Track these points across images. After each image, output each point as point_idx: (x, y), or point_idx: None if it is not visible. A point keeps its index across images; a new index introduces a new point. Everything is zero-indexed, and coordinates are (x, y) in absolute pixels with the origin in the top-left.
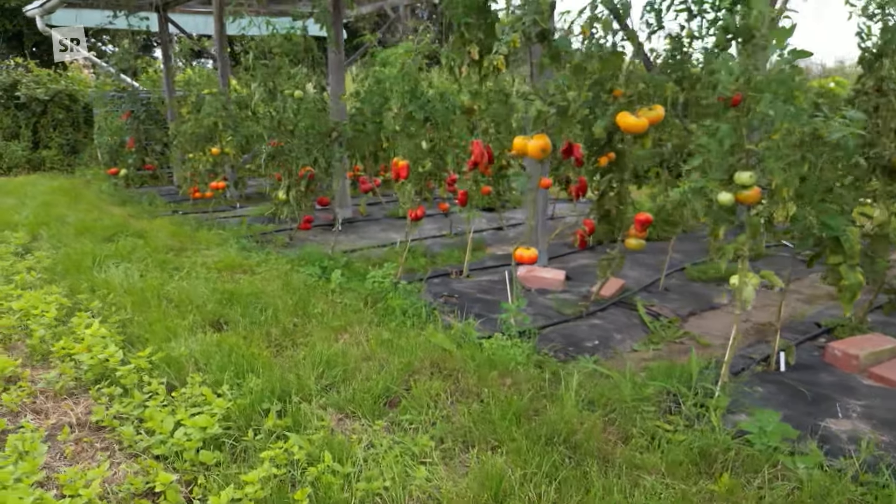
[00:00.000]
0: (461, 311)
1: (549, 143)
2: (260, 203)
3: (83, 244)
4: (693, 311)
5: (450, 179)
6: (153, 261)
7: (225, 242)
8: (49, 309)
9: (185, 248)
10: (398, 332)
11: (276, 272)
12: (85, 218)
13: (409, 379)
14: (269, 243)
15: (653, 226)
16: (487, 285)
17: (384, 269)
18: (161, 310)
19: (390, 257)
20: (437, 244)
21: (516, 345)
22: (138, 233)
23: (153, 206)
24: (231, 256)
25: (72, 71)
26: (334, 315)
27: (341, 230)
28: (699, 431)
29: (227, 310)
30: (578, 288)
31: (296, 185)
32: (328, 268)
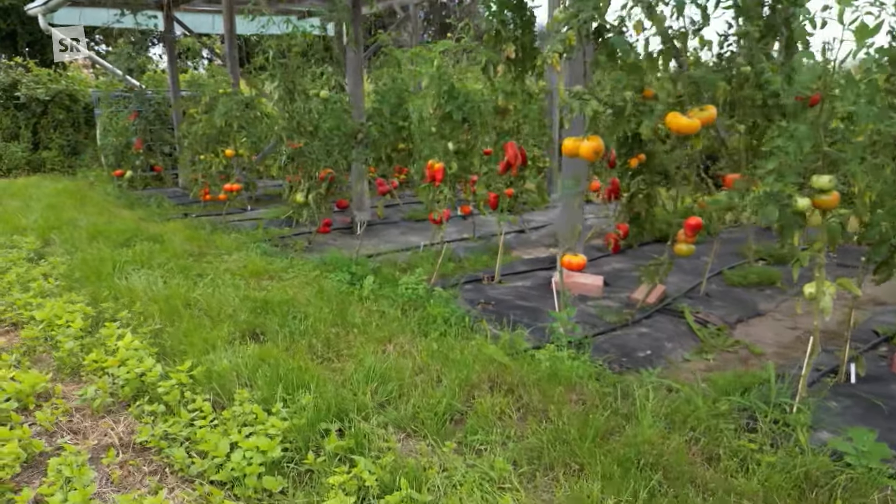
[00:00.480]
0: (502, 319)
1: (602, 145)
2: (270, 205)
3: (98, 249)
4: (740, 317)
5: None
6: (174, 267)
7: (244, 247)
8: (74, 319)
9: (204, 253)
10: (444, 343)
11: (303, 278)
12: (96, 221)
13: (469, 395)
14: (289, 247)
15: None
16: (523, 291)
17: (416, 276)
18: (193, 320)
19: (416, 262)
20: (462, 248)
21: (571, 357)
22: (153, 237)
23: (162, 208)
24: (254, 262)
25: (72, 70)
26: (375, 325)
27: (360, 233)
28: (788, 451)
29: (262, 319)
30: (618, 294)
31: (316, 187)
32: (357, 274)
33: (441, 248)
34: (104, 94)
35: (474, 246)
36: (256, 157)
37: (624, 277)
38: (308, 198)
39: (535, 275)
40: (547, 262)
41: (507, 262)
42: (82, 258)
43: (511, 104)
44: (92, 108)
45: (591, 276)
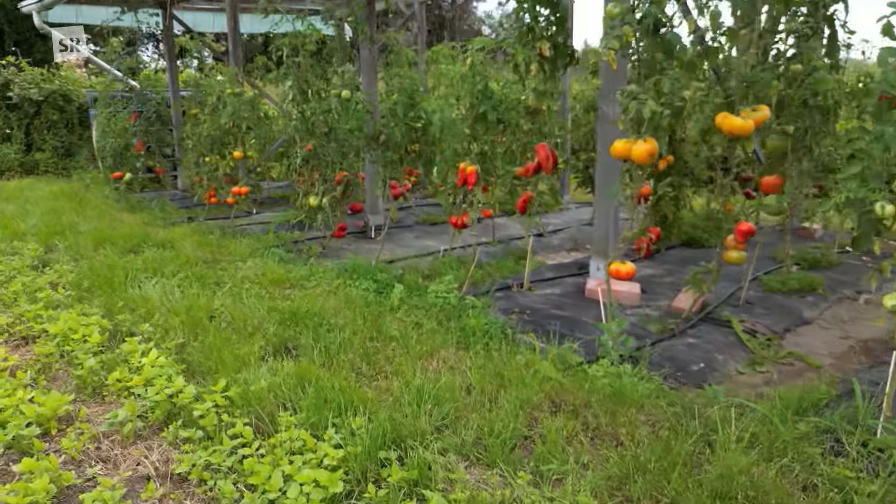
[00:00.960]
0: (539, 330)
1: (657, 148)
2: (275, 208)
3: (105, 256)
4: (787, 326)
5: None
6: (189, 275)
7: (257, 253)
8: (90, 333)
9: (217, 260)
10: (489, 358)
11: (326, 287)
12: (98, 226)
13: (530, 417)
14: (303, 253)
15: (704, 231)
16: (556, 299)
17: (445, 284)
18: (218, 333)
19: (439, 268)
20: (483, 253)
21: (627, 373)
22: (162, 243)
23: (165, 212)
24: (272, 269)
25: (65, 70)
26: (414, 338)
27: (374, 237)
28: (890, 481)
29: (292, 332)
30: (655, 301)
31: (331, 190)
32: (382, 282)
33: (473, 256)
34: (102, 94)
35: (495, 251)
36: (261, 159)
37: (657, 283)
38: (322, 201)
39: (563, 282)
40: (574, 268)
41: (532, 267)
42: (90, 266)
43: (544, 104)
44: (86, 108)
45: (627, 283)
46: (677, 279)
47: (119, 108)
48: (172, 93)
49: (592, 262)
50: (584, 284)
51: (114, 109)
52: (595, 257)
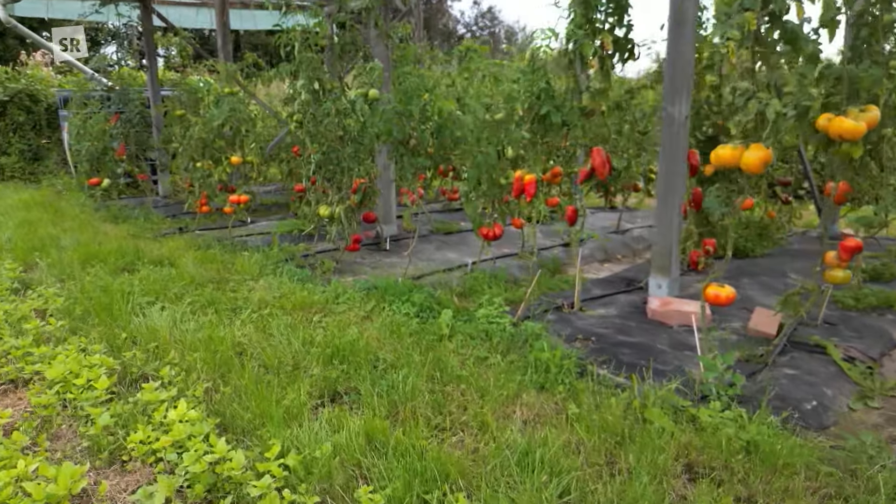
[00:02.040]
0: (612, 360)
1: (771, 154)
2: (271, 217)
3: (96, 276)
4: (882, 351)
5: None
6: (197, 298)
7: (267, 269)
8: (96, 376)
9: (225, 279)
10: (580, 402)
11: (358, 311)
12: (82, 240)
13: (667, 488)
14: (316, 268)
15: (746, 239)
16: (618, 322)
17: (496, 306)
18: (250, 374)
19: (472, 285)
20: (515, 266)
21: (745, 419)
22: (158, 259)
23: (151, 222)
24: (290, 290)
25: (31, 69)
26: (482, 377)
27: (388, 249)
28: None
29: (339, 372)
30: (728, 322)
31: (346, 199)
32: (422, 304)
33: (532, 276)
34: (76, 94)
35: (526, 264)
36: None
37: None
38: (336, 211)
39: (615, 300)
40: (621, 284)
41: (572, 283)
42: (80, 289)
43: (602, 105)
44: (55, 109)
45: (694, 303)
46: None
47: (96, 108)
48: (152, 92)
49: (652, 279)
50: (644, 304)
51: (90, 110)
52: (655, 274)
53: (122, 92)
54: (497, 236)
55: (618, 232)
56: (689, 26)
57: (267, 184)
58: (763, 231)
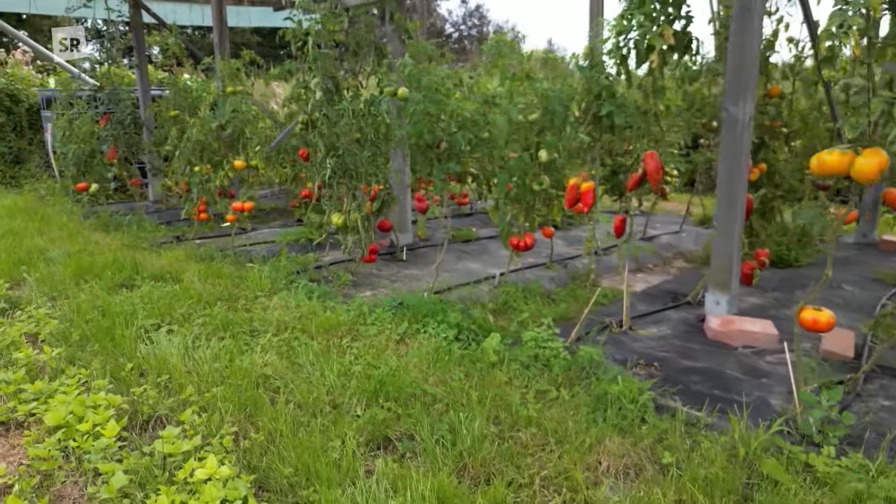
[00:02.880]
0: (685, 391)
1: (887, 159)
2: (271, 223)
3: (91, 293)
4: None
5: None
6: (208, 320)
7: (279, 283)
8: (102, 420)
9: (235, 297)
10: (665, 446)
11: (391, 333)
12: (71, 251)
13: None
14: (330, 282)
15: (788, 248)
16: (676, 344)
17: (543, 327)
18: (285, 416)
19: (506, 300)
20: (545, 279)
21: (868, 470)
22: (159, 274)
23: (144, 230)
24: (310, 308)
25: (11, 67)
26: (556, 419)
27: (406, 260)
28: None
29: (385, 413)
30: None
31: (362, 207)
32: (462, 326)
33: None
34: (62, 93)
35: (555, 276)
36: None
37: (773, 317)
38: (351, 219)
39: (665, 317)
40: (667, 298)
41: (611, 296)
42: (75, 308)
43: (660, 104)
44: (37, 109)
45: (758, 322)
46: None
47: (83, 109)
48: (142, 92)
49: (710, 294)
50: (699, 321)
51: (77, 111)
52: (713, 289)
53: (111, 92)
54: (528, 247)
55: (644, 239)
56: (757, 15)
57: (262, 187)
58: (803, 239)
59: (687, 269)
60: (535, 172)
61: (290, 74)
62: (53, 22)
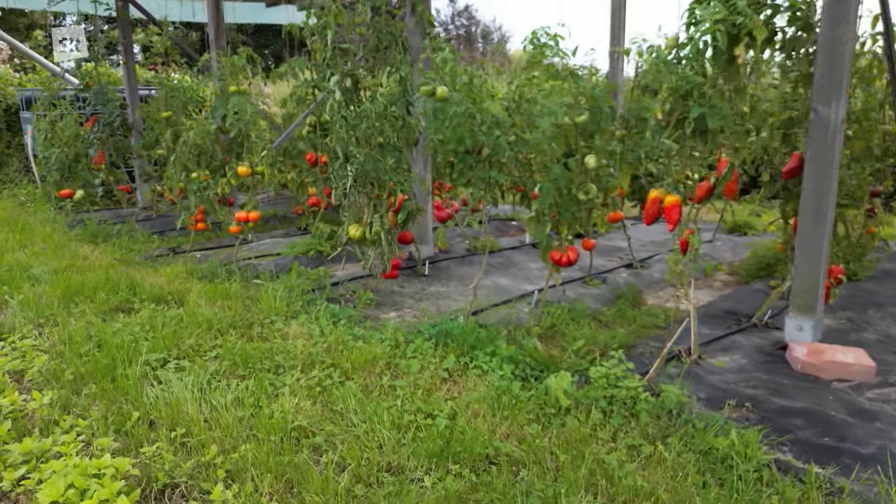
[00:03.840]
0: (792, 439)
1: None
2: (273, 231)
3: (84, 320)
4: None
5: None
6: (222, 353)
7: (296, 304)
8: (111, 495)
9: (248, 323)
10: None
11: (436, 369)
12: (58, 267)
13: None
14: (350, 302)
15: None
16: (763, 378)
17: (612, 363)
18: (336, 489)
19: (555, 325)
20: (587, 296)
21: None
22: (159, 294)
23: (135, 241)
24: (339, 339)
25: None
26: (665, 487)
27: (429, 275)
28: None
29: (460, 482)
30: (892, 373)
31: (384, 217)
32: (519, 360)
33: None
34: (44, 93)
35: (598, 293)
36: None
37: (854, 342)
38: (374, 231)
39: (735, 343)
40: (731, 320)
41: (663, 317)
42: (68, 338)
43: (742, 105)
44: (15, 110)
45: (852, 351)
46: (880, 334)
47: (67, 110)
48: (129, 92)
49: (792, 319)
50: (778, 349)
51: (60, 112)
52: (796, 313)
53: (98, 92)
54: (571, 262)
55: None
56: (853, 5)
57: (258, 191)
58: (859, 250)
59: (731, 282)
60: (582, 181)
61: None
62: (29, 20)
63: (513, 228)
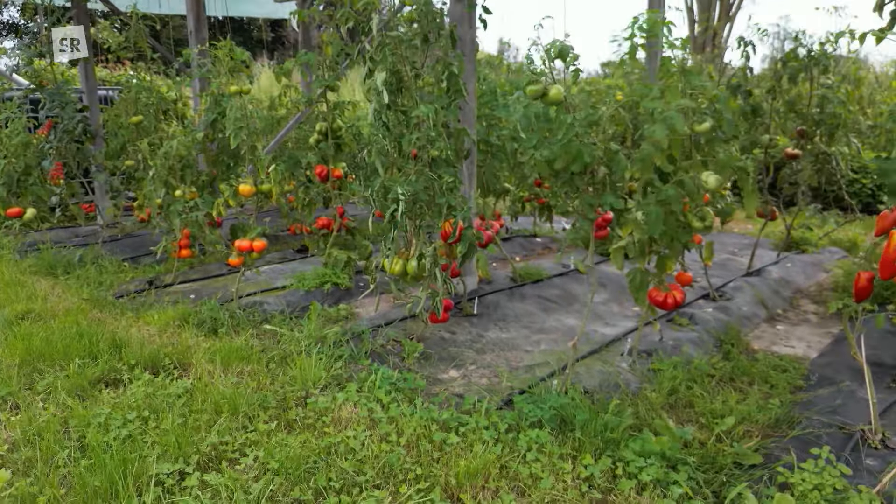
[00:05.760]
0: None
1: None
2: (267, 255)
3: (54, 399)
4: None
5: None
6: (263, 459)
7: (335, 368)
8: None
9: (282, 399)
10: None
11: (574, 481)
12: (12, 315)
13: None
14: (393, 354)
15: None
16: None
17: (815, 464)
18: None
19: (675, 389)
20: (684, 343)
21: None
22: (153, 357)
23: (104, 271)
24: (424, 433)
25: None
26: None
27: (478, 314)
28: None
29: None
30: None
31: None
32: (678, 461)
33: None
34: None
35: (694, 336)
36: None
37: None
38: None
39: None
40: (883, 374)
41: (792, 371)
42: (37, 432)
43: None
44: None
45: None
46: None
47: (15, 114)
48: (88, 92)
49: None
50: None
51: (6, 117)
52: None
53: (55, 93)
54: (678, 303)
55: (751, 273)
56: None
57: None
58: None
59: (822, 313)
60: (698, 203)
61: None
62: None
63: (538, 246)
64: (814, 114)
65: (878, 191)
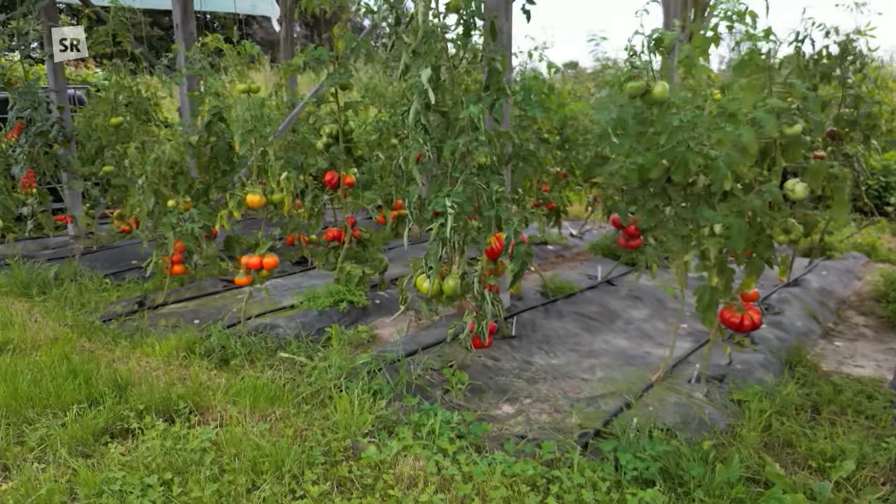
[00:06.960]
0: None
1: None
2: None
3: (53, 457)
4: None
5: None
6: None
7: (380, 408)
8: None
9: (328, 451)
10: None
11: None
12: None
13: None
14: (436, 386)
15: None
16: None
17: None
18: None
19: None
20: (752, 365)
21: None
22: (164, 400)
23: (84, 289)
24: (506, 492)
25: None
26: None
27: (516, 335)
28: None
29: None
30: None
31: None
32: None
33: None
34: None
35: (761, 359)
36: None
37: None
38: (465, 284)
39: None
40: None
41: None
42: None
43: None
44: None
45: None
46: None
47: None
48: (58, 92)
49: None
50: None
51: None
52: None
53: (26, 93)
54: (756, 325)
55: (791, 284)
56: None
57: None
58: None
59: (881, 327)
60: (785, 215)
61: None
62: None
63: (551, 255)
64: (847, 114)
65: (885, 192)
